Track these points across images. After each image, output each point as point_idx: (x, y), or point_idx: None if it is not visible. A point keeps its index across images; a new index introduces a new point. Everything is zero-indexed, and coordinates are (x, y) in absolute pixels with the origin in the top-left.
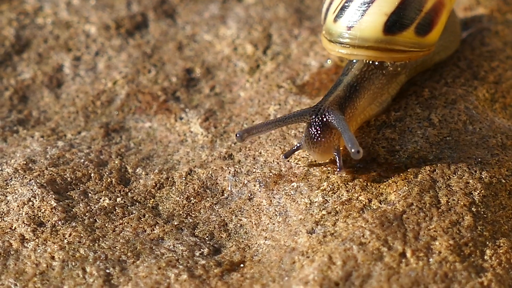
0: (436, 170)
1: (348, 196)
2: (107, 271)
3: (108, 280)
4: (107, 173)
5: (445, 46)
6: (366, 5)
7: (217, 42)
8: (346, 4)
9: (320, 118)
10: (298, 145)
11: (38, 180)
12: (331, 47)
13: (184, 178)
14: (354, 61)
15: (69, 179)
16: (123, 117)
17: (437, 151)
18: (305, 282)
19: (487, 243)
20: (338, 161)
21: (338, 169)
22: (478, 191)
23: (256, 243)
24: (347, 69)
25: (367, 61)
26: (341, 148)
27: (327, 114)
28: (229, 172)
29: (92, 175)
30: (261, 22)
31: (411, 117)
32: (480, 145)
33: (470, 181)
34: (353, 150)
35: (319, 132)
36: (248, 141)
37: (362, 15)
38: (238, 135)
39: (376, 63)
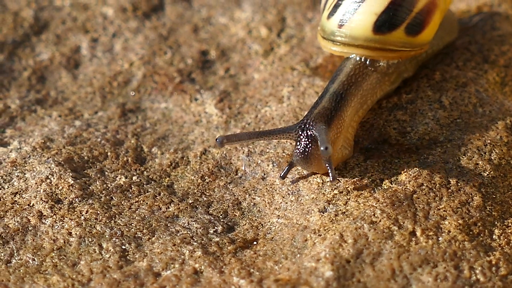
0: (446, 152)
1: (360, 176)
2: (123, 247)
3: (124, 256)
4: (123, 152)
5: (432, 43)
6: (357, 4)
7: (232, 25)
8: (339, 2)
9: (306, 134)
10: (291, 162)
11: (55, 158)
12: (324, 43)
13: (199, 158)
14: (343, 64)
15: (86, 157)
16: (139, 97)
17: (447, 133)
18: (317, 259)
19: (496, 223)
20: (330, 172)
21: (331, 180)
22: (487, 172)
23: (269, 221)
24: (335, 75)
25: (358, 61)
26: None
27: (311, 128)
28: (243, 152)
29: (109, 154)
30: (275, 5)
31: (422, 99)
32: (489, 127)
33: (480, 162)
34: (321, 148)
35: (308, 148)
36: (227, 147)
37: (352, 14)
38: (218, 140)
39: (368, 61)
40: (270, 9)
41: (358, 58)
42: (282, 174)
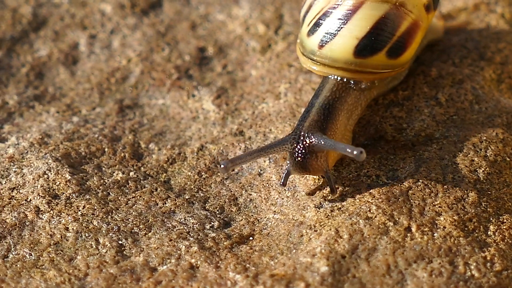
0: (442, 148)
1: (356, 172)
2: (120, 242)
3: (121, 251)
4: (120, 148)
5: None
6: (338, 26)
7: (230, 22)
8: (320, 21)
9: (302, 145)
10: (287, 171)
11: (53, 154)
12: (303, 60)
13: (195, 154)
14: (325, 80)
15: (83, 153)
16: (137, 94)
17: (443, 130)
18: (313, 254)
19: (491, 219)
20: (329, 185)
21: (331, 193)
22: (483, 169)
23: (265, 217)
24: (318, 90)
25: (339, 80)
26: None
27: (308, 138)
28: (240, 148)
29: (106, 149)
30: (273, 2)
31: (419, 96)
32: (485, 124)
33: (475, 159)
34: (355, 153)
35: (305, 158)
36: (231, 171)
37: (334, 36)
38: (222, 165)
39: (350, 80)
40: (267, 6)
41: (339, 78)
42: (282, 181)
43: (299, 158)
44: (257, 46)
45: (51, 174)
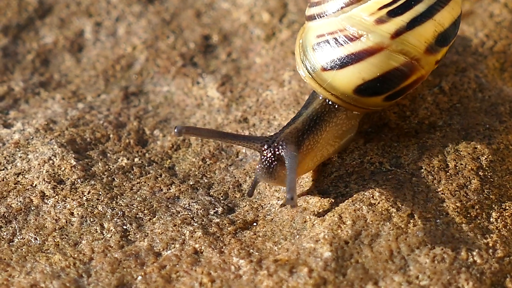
0: (445, 136)
1: (360, 159)
2: (124, 227)
3: (125, 236)
4: (125, 134)
5: None
6: (349, 61)
7: (235, 10)
8: (331, 43)
9: (272, 152)
10: (255, 179)
11: (58, 140)
12: (301, 66)
13: (200, 140)
14: (316, 96)
15: (88, 139)
16: (142, 81)
17: (446, 117)
18: (316, 240)
19: (493, 206)
20: (287, 193)
21: (286, 197)
22: (485, 156)
23: (269, 203)
24: (308, 102)
25: (327, 101)
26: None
27: (280, 148)
28: None
29: (111, 136)
30: None
31: (422, 84)
32: (488, 112)
33: (478, 146)
34: (287, 196)
35: (272, 165)
36: (184, 137)
37: (340, 67)
38: (177, 129)
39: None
40: None
41: (330, 102)
42: (249, 192)
43: (266, 163)
44: (262, 34)
45: (56, 159)
